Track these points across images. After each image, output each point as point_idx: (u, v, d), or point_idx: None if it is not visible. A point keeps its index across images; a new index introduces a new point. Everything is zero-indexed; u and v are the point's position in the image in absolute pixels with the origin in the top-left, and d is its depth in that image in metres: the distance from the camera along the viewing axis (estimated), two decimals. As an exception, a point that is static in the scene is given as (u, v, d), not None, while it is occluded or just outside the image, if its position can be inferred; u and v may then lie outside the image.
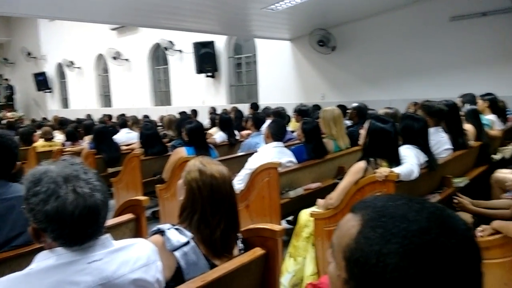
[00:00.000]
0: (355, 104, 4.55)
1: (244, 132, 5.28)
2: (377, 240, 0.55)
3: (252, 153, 3.42)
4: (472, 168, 3.65)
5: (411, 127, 2.79)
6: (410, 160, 2.59)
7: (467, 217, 2.61)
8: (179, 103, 10.70)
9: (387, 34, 6.50)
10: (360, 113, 4.26)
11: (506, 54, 5.43)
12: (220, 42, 9.53)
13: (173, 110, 9.08)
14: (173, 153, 3.72)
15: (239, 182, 3.21)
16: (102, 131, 4.92)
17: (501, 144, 4.33)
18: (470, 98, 4.48)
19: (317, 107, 6.29)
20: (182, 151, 3.53)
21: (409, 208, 0.56)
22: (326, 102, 6.81)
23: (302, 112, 4.66)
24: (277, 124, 3.32)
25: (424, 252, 0.52)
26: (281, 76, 8.46)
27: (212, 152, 3.78)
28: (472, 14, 5.55)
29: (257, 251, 1.53)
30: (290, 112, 5.67)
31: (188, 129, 3.62)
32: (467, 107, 3.94)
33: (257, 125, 4.31)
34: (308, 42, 7.30)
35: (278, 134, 3.25)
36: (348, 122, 4.45)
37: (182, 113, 7.14)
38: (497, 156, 3.96)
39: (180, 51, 10.46)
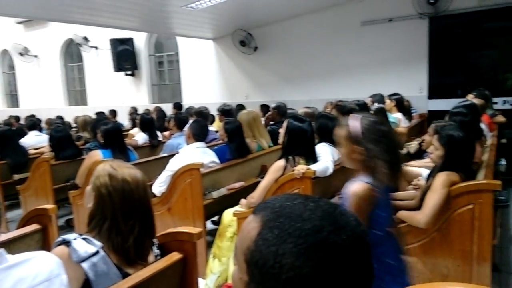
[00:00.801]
0: (274, 104, 4.68)
1: (167, 133, 5.14)
2: (274, 241, 0.55)
3: (175, 155, 3.34)
4: (382, 163, 3.94)
5: (326, 125, 2.94)
6: (325, 157, 2.72)
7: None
8: (96, 103, 10.09)
9: (306, 36, 6.78)
10: (280, 112, 4.38)
11: (411, 57, 5.95)
12: (140, 39, 9.17)
13: (90, 110, 8.54)
14: (87, 156, 3.49)
15: (160, 185, 3.11)
16: (6, 134, 4.46)
17: (407, 140, 4.74)
18: (379, 98, 4.84)
19: (241, 107, 6.35)
20: (97, 154, 3.33)
21: (304, 207, 0.58)
22: (250, 102, 6.91)
23: (225, 112, 4.67)
24: (198, 124, 3.27)
25: (316, 250, 0.53)
26: (205, 76, 8.40)
27: (131, 155, 3.62)
28: (381, 20, 6.01)
29: (174, 256, 1.49)
30: (214, 111, 5.65)
31: (104, 131, 3.42)
32: (376, 106, 4.25)
33: (180, 125, 4.22)
34: (231, 42, 7.33)
35: (199, 134, 3.21)
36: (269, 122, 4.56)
37: (99, 114, 6.74)
38: (403, 151, 4.33)
39: (96, 47, 9.87)
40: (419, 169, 3.55)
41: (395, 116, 4.68)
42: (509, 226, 3.51)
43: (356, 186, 1.38)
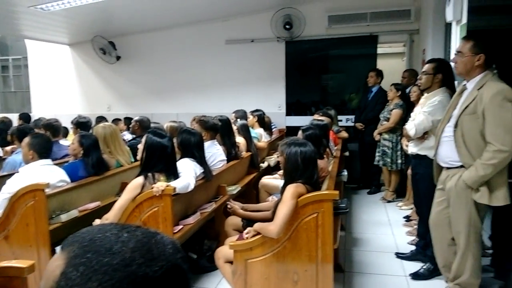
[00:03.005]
0: (137, 117, 4.48)
1: (8, 148, 4.46)
2: (77, 280, 0.50)
3: (14, 174, 2.90)
4: (244, 176, 4.11)
5: (188, 141, 2.92)
6: (187, 173, 2.69)
7: (237, 221, 2.90)
8: None
9: (172, 49, 6.71)
10: (143, 126, 4.21)
11: (271, 76, 6.39)
12: (-22, 39, 7.87)
13: None
14: None
15: (-6, 210, 2.66)
16: None
17: (267, 153, 5.06)
18: (242, 114, 5.05)
19: (102, 119, 5.91)
20: None
21: (117, 239, 0.54)
22: (113, 114, 6.49)
23: (80, 125, 4.27)
24: (41, 139, 2.90)
25: (124, 286, 0.49)
26: (60, 84, 7.59)
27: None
28: (244, 40, 6.33)
29: (-5, 297, 1.27)
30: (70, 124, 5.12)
31: None
32: (239, 121, 4.42)
33: (22, 139, 3.68)
34: (91, 49, 6.82)
35: (43, 150, 2.85)
36: (130, 136, 4.34)
37: None
38: (264, 164, 4.59)
39: None
40: (277, 181, 3.80)
41: (257, 131, 4.94)
42: (352, 229, 3.99)
43: None
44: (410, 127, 2.94)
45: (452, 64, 2.55)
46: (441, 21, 4.35)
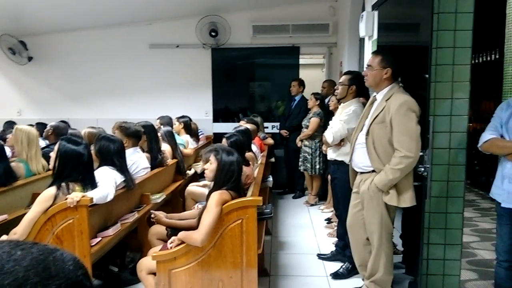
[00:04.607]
0: (53, 123, 4.17)
1: None
2: None
3: None
4: (170, 184, 4.02)
5: (107, 148, 2.78)
6: (106, 182, 2.56)
7: (161, 230, 2.82)
8: None
9: (91, 51, 6.36)
10: (58, 133, 3.92)
11: (197, 83, 6.34)
12: None
13: None
14: None
15: None
16: None
17: (194, 160, 5.00)
18: (167, 120, 4.94)
19: (11, 124, 5.39)
20: None
21: (9, 257, 0.50)
22: (24, 119, 5.95)
23: (-15, 131, 3.86)
24: None
25: None
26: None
27: None
28: (168, 45, 6.21)
29: None
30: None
31: None
32: (164, 128, 4.32)
33: None
34: (-2, 48, 6.21)
35: None
36: (44, 143, 4.02)
37: None
38: (190, 172, 4.53)
39: None
40: (204, 188, 3.78)
41: (183, 138, 4.87)
42: (277, 234, 4.09)
43: None
44: (328, 135, 3.12)
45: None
46: (356, 36, 4.70)
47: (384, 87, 2.51)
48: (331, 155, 3.28)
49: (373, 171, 2.47)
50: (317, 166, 4.93)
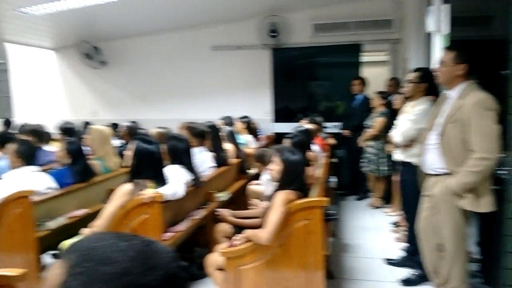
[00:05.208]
0: (126, 123, 4.44)
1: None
2: None
3: (-2, 181, 2.84)
4: (233, 183, 4.11)
5: (176, 147, 2.91)
6: (176, 179, 2.68)
7: (227, 228, 2.90)
8: None
9: (157, 54, 6.70)
10: (131, 132, 4.18)
11: (257, 83, 6.44)
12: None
13: None
14: None
15: (-23, 218, 2.59)
16: None
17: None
18: (229, 120, 5.06)
19: (88, 125, 5.83)
20: None
21: (115, 248, 0.54)
22: (98, 120, 6.41)
23: (66, 131, 4.21)
24: (26, 145, 2.86)
25: None
26: (44, 89, 7.46)
27: None
28: (230, 46, 6.36)
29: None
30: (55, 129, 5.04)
31: None
32: (227, 128, 4.43)
33: (4, 145, 3.62)
34: (75, 54, 6.73)
35: (29, 157, 2.81)
36: (119, 142, 4.30)
37: None
38: (252, 171, 4.60)
39: None
40: (263, 187, 3.82)
41: (245, 138, 4.96)
42: (341, 236, 4.02)
43: None
44: (396, 135, 3.01)
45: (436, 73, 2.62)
46: (422, 31, 4.47)
47: (457, 85, 2.37)
48: (399, 156, 3.16)
49: (447, 173, 2.34)
50: (382, 168, 4.76)
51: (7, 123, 6.12)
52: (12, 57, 7.64)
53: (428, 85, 2.96)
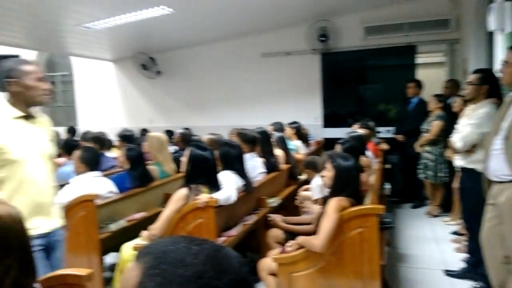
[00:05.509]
0: (180, 130, 4.61)
1: (61, 160, 4.70)
2: None
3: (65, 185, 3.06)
4: (283, 188, 4.11)
5: (228, 153, 2.97)
6: (228, 185, 2.74)
7: (279, 233, 2.91)
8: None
9: (209, 63, 6.89)
10: (185, 139, 4.32)
11: (306, 88, 6.41)
12: (29, 57, 8.37)
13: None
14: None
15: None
16: None
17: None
18: (279, 126, 5.07)
19: (145, 132, 6.14)
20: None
21: (187, 251, 0.56)
22: (154, 127, 6.70)
23: (126, 138, 4.45)
24: (90, 151, 3.05)
25: None
26: (104, 99, 7.95)
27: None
28: (279, 52, 6.39)
29: (60, 304, 1.34)
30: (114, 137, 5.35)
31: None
32: (277, 134, 4.44)
33: (70, 152, 3.89)
34: (133, 65, 7.11)
35: (93, 163, 3.00)
36: (175, 147, 4.46)
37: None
38: (302, 177, 4.58)
39: (-26, 63, 8.74)
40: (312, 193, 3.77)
41: (295, 143, 4.95)
42: (396, 245, 3.88)
43: None
44: (457, 140, 2.86)
45: (499, 74, 2.46)
46: (483, 30, 4.22)
47: (524, 86, 2.21)
48: (459, 162, 3.00)
49: (514, 180, 2.18)
50: (441, 174, 4.52)
51: (72, 131, 6.58)
52: (76, 69, 8.25)
53: (490, 87, 2.79)
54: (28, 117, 1.93)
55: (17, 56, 8.10)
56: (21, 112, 1.90)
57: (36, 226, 1.88)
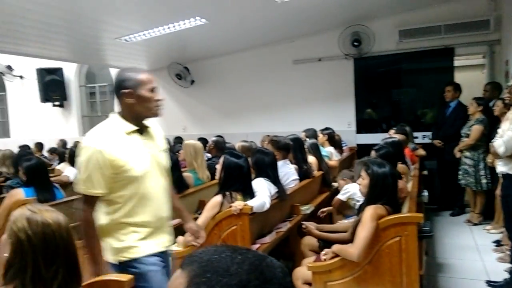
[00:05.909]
0: (214, 138, 4.67)
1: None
2: None
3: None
4: (317, 196, 4.08)
5: (262, 160, 2.98)
6: (262, 192, 2.75)
7: (313, 241, 2.88)
8: (20, 135, 9.36)
9: (241, 71, 6.97)
10: (218, 146, 4.38)
11: (339, 94, 6.34)
12: (70, 69, 8.77)
13: (13, 143, 7.88)
14: (8, 195, 3.18)
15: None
16: None
17: (339, 172, 4.96)
18: (312, 133, 5.04)
19: (179, 139, 6.27)
20: (19, 193, 3.05)
21: (232, 261, 0.58)
22: (188, 135, 6.84)
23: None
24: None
25: None
26: (140, 108, 8.19)
27: (57, 193, 3.36)
28: (311, 59, 6.37)
29: (103, 308, 1.39)
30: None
31: (26, 168, 3.17)
32: (310, 140, 4.41)
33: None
34: (167, 74, 7.30)
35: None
36: (208, 155, 4.53)
37: (22, 147, 6.25)
38: (336, 184, 4.52)
39: (21, 76, 9.26)
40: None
41: (328, 150, 4.90)
42: (435, 254, 3.75)
43: None
44: (499, 145, 2.74)
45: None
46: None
47: None
48: (502, 168, 2.87)
49: None
50: (483, 181, 4.33)
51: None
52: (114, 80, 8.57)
53: (536, 89, 2.67)
54: (141, 130, 1.85)
55: (59, 70, 8.55)
56: (134, 126, 1.81)
57: (157, 243, 1.82)
